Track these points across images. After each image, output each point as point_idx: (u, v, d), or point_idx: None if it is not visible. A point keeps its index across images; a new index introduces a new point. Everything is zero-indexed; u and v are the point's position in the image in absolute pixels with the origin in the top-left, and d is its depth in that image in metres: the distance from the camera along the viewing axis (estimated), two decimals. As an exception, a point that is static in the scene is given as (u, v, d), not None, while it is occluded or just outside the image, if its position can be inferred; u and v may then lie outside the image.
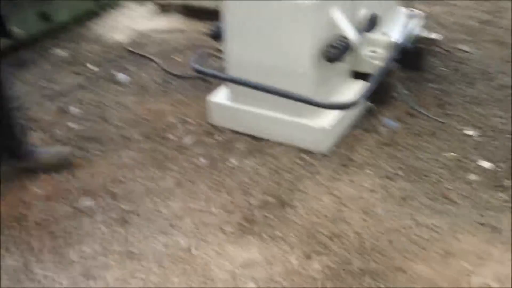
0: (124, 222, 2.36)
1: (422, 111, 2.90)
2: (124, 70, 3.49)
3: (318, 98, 2.54)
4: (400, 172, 2.53)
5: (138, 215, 2.39)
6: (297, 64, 2.53)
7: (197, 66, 2.83)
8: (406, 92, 3.02)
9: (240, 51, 2.64)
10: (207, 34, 2.92)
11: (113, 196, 2.50)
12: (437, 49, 3.35)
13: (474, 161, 2.58)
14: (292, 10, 2.43)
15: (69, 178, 2.60)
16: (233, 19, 2.60)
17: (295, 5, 2.42)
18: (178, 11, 4.20)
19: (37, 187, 2.55)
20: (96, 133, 2.91)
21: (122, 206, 2.44)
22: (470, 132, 2.76)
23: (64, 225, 2.35)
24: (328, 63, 2.54)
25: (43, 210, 2.43)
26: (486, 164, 2.56)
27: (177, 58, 3.61)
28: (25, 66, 3.54)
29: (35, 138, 2.77)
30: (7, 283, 2.10)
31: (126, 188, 2.54)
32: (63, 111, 3.12)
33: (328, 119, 2.66)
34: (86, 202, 2.47)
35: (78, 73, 3.49)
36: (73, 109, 3.12)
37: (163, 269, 2.13)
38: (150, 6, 4.31)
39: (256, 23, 2.54)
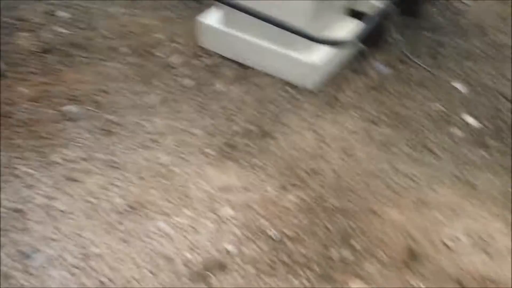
0: (107, 131, 2.35)
1: (414, 59, 2.88)
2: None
3: (311, 32, 2.50)
4: (384, 118, 2.54)
5: (121, 126, 2.39)
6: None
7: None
8: (400, 37, 2.99)
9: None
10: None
11: (98, 105, 2.48)
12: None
13: (459, 116, 2.59)
14: None
15: (54, 83, 2.56)
16: None
17: None
18: None
19: (24, 88, 2.51)
20: (83, 41, 2.84)
21: (106, 116, 2.43)
22: (459, 86, 2.76)
23: (48, 127, 2.34)
24: (327, -3, 2.49)
25: (28, 110, 2.41)
26: (470, 120, 2.57)
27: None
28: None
29: (21, 38, 2.69)
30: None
31: (111, 99, 2.52)
32: (51, 14, 3.02)
33: (319, 55, 2.62)
34: (71, 108, 2.45)
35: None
36: (61, 13, 3.02)
37: (142, 181, 2.16)
38: None
39: None
